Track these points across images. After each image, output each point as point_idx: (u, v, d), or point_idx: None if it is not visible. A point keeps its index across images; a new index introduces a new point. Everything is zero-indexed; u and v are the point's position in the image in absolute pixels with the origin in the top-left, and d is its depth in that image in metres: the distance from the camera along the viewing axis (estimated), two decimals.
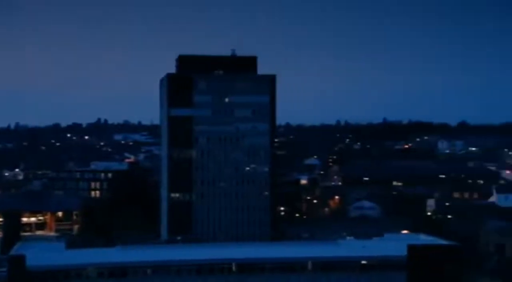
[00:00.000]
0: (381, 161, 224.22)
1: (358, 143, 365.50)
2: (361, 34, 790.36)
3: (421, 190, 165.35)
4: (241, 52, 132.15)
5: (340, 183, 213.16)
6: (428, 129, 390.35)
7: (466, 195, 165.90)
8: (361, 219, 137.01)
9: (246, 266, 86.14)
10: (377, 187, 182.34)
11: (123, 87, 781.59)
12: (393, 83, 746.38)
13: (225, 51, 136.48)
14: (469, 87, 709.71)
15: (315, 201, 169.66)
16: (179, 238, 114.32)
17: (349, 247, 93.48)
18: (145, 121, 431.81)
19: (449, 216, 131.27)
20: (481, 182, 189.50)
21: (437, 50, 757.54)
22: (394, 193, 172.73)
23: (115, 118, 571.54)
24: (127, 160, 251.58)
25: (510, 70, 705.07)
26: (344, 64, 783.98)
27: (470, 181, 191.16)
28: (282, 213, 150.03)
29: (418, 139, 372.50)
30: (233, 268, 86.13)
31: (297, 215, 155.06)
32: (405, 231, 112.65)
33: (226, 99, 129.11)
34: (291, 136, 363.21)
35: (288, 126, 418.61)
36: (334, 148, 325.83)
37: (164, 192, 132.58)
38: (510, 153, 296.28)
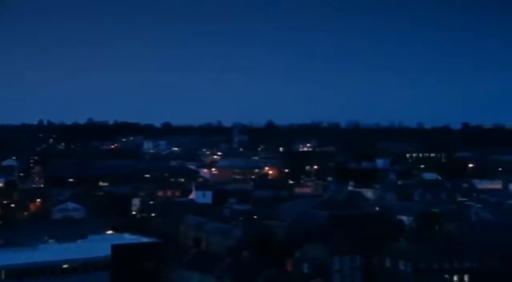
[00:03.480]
0: (87, 161, 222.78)
1: (63, 143, 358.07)
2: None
3: (127, 189, 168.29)
4: None
5: (42, 185, 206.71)
6: (134, 130, 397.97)
7: (169, 193, 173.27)
8: (65, 222, 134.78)
9: None
10: (82, 187, 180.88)
11: None
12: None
13: None
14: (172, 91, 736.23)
15: (13, 205, 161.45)
16: None
17: (49, 251, 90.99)
18: None
19: (153, 214, 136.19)
20: (183, 180, 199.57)
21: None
22: (100, 193, 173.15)
23: None
24: None
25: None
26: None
27: (173, 179, 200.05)
28: None
29: (124, 139, 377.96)
30: None
31: None
32: (110, 231, 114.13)
33: None
34: None
35: None
36: (37, 148, 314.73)
37: None
38: (207, 152, 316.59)
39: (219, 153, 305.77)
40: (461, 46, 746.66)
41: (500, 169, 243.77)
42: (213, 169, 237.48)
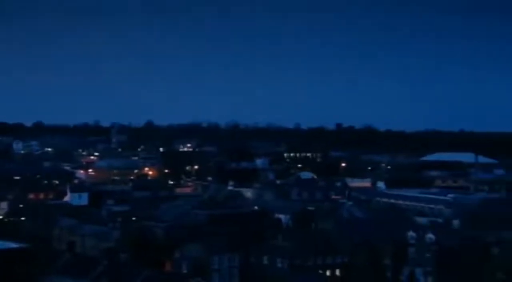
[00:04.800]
0: None
1: None
2: None
3: None
4: None
5: None
6: (1, 129, 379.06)
7: (42, 196, 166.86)
8: None
9: None
10: None
11: None
12: None
13: None
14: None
15: None
16: None
17: None
18: None
19: (23, 218, 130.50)
20: (57, 181, 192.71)
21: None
22: None
23: None
24: None
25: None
26: None
27: (46, 181, 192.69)
28: None
29: None
30: None
31: None
32: None
33: None
34: None
35: None
36: None
37: None
38: (84, 152, 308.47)
39: (96, 154, 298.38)
40: (334, 48, 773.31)
41: (369, 168, 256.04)
42: (90, 170, 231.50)
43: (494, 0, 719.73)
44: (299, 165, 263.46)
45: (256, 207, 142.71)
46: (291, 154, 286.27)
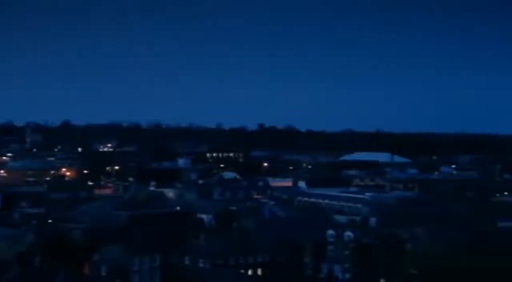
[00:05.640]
0: None
1: None
2: None
3: None
4: None
5: None
6: None
7: None
8: None
9: None
10: None
11: None
12: None
13: None
14: None
15: None
16: None
17: None
18: None
19: None
20: None
21: None
22: None
23: None
24: None
25: None
26: None
27: None
28: None
29: None
30: None
31: None
32: None
33: None
34: None
35: None
36: None
37: None
38: None
39: (9, 154, 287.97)
40: (257, 49, 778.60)
41: (291, 168, 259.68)
42: (2, 171, 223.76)
43: None
44: (222, 165, 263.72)
45: (178, 207, 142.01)
46: (214, 154, 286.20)
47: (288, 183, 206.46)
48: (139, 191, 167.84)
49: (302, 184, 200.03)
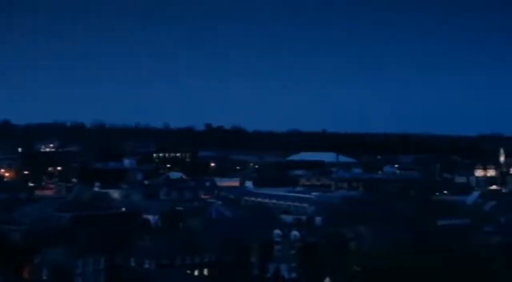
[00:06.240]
0: None
1: None
2: None
3: None
4: None
5: None
6: None
7: None
8: None
9: None
10: None
11: None
12: None
13: None
14: None
15: None
16: None
17: None
18: None
19: None
20: None
21: None
22: None
23: None
24: None
25: None
26: None
27: None
28: None
29: None
30: None
31: None
32: None
33: None
34: None
35: None
36: None
37: None
38: None
39: None
40: (206, 48, 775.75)
41: (238, 168, 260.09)
42: None
43: None
44: (168, 165, 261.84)
45: (123, 208, 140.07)
46: (160, 154, 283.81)
47: (235, 183, 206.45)
48: (83, 192, 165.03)
49: (249, 183, 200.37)
